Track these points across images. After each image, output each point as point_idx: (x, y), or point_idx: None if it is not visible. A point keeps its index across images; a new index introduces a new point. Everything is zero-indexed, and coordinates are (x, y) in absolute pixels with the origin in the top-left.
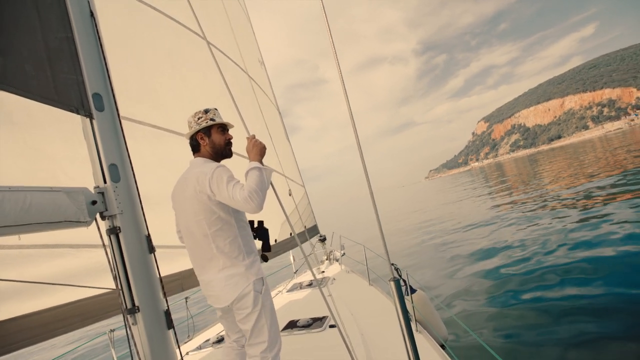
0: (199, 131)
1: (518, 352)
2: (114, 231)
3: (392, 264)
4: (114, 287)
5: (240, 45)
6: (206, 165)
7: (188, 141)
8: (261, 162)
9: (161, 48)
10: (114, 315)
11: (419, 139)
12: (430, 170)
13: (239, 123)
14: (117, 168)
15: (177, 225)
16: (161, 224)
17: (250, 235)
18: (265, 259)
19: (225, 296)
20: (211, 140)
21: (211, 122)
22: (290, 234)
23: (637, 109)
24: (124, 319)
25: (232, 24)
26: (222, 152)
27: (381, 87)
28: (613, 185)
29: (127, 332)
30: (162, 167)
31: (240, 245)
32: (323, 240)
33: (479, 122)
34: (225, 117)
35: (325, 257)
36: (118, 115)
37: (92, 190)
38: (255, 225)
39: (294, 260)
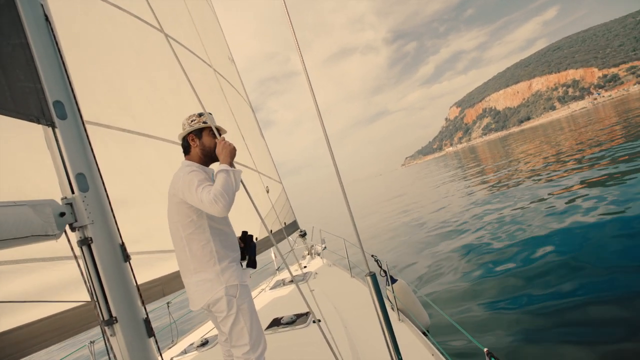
0: (190, 132)
1: (502, 336)
2: (85, 242)
3: (372, 255)
4: (90, 299)
5: (208, 43)
6: (183, 169)
7: (163, 143)
8: (231, 165)
9: (126, 48)
10: (94, 327)
11: (393, 127)
12: (407, 158)
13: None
14: (85, 177)
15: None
16: (139, 229)
17: (229, 240)
18: (252, 266)
19: (196, 300)
20: (201, 143)
21: (203, 125)
22: (271, 230)
23: (599, 88)
24: (102, 331)
25: (199, 21)
26: (212, 155)
27: (354, 77)
28: (581, 162)
29: (106, 344)
30: (136, 171)
31: (213, 251)
32: (303, 235)
33: (451, 107)
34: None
35: (307, 252)
36: (82, 122)
37: (60, 202)
38: (245, 236)
39: (275, 257)
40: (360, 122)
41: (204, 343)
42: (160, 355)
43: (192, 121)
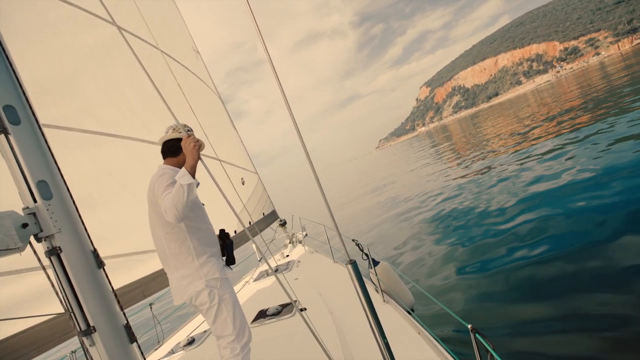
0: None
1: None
2: (53, 252)
3: (353, 240)
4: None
5: (168, 35)
6: (157, 172)
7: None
8: (193, 168)
9: (80, 46)
10: (74, 337)
11: (366, 110)
12: (380, 140)
13: (170, 118)
14: (47, 184)
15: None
16: (113, 232)
17: (207, 237)
18: (231, 262)
19: (178, 295)
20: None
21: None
22: (250, 222)
23: (562, 61)
24: (80, 342)
25: (157, 13)
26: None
27: (323, 62)
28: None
29: (85, 355)
30: (104, 173)
31: (190, 248)
32: (283, 224)
33: (421, 87)
34: (154, 112)
35: (288, 241)
36: (39, 126)
37: (21, 212)
38: (222, 234)
39: (256, 248)
40: (332, 107)
41: (191, 342)
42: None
43: (185, 128)
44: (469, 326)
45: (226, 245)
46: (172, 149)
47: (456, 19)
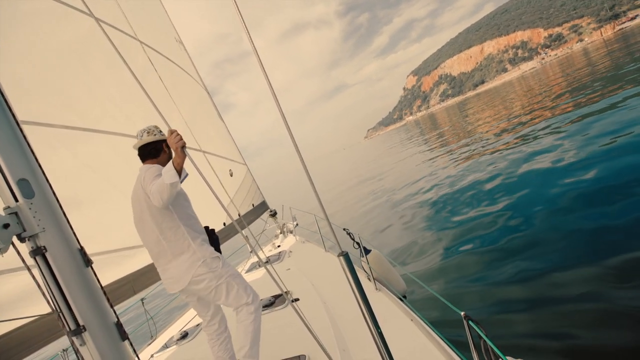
0: (164, 141)
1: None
2: (38, 252)
3: (344, 229)
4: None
5: (149, 25)
6: (144, 168)
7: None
8: (180, 165)
9: (58, 39)
10: (64, 335)
11: (353, 101)
12: (369, 130)
13: (154, 111)
14: (29, 182)
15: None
16: (100, 229)
17: (197, 225)
18: None
19: (182, 279)
20: (170, 153)
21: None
22: (239, 214)
23: (546, 48)
24: (70, 342)
25: (137, 3)
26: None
27: (310, 53)
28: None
29: (77, 354)
30: (89, 169)
31: (185, 233)
32: (274, 214)
33: (408, 76)
34: (138, 106)
35: (279, 231)
36: (17, 122)
37: (2, 212)
38: (207, 232)
39: (247, 240)
40: (319, 97)
41: (184, 336)
42: (137, 357)
43: (159, 131)
44: (462, 313)
45: (213, 240)
46: (152, 152)
47: (442, 7)
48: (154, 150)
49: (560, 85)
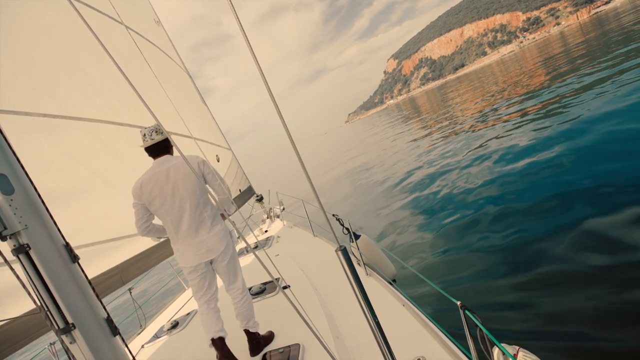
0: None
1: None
2: (21, 250)
3: (334, 215)
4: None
5: (127, 5)
6: (191, 156)
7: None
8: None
9: (29, 21)
10: (49, 332)
11: (334, 84)
12: (350, 114)
13: (137, 97)
14: (7, 178)
15: (145, 204)
16: (85, 221)
17: None
18: None
19: (218, 247)
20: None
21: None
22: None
23: (524, 31)
24: (60, 341)
25: None
26: None
27: (290, 36)
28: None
29: (67, 353)
30: (71, 159)
31: (216, 210)
32: (260, 199)
33: (388, 60)
34: (121, 92)
35: (266, 216)
36: None
37: None
38: None
39: (234, 226)
40: (300, 81)
41: (174, 325)
42: (130, 353)
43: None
44: (458, 303)
45: None
46: (164, 148)
47: None
48: (165, 148)
49: (537, 72)
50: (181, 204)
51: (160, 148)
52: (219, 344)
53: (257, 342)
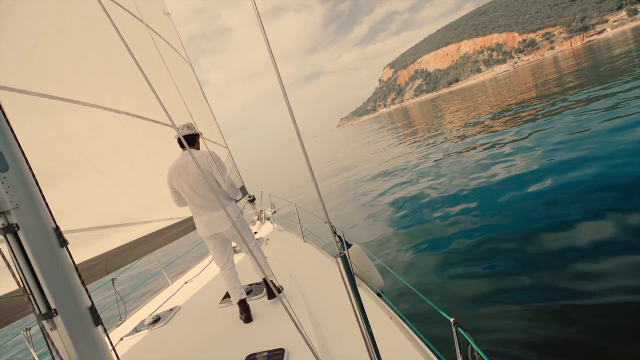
0: (198, 134)
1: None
2: (10, 229)
3: (326, 222)
4: (21, 291)
5: None
6: (202, 152)
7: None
8: None
9: (40, 9)
10: (29, 314)
11: (328, 88)
12: (341, 119)
13: (143, 86)
14: (2, 155)
15: (175, 188)
16: (72, 206)
17: None
18: None
19: (222, 225)
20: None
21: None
22: None
23: (519, 52)
24: (40, 326)
25: None
26: None
27: (288, 36)
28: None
29: (46, 340)
30: (64, 142)
31: (224, 195)
32: (252, 200)
33: (384, 68)
34: (122, 78)
35: (256, 217)
36: None
37: None
38: None
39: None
40: (295, 82)
41: (156, 320)
42: (112, 344)
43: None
44: (452, 320)
45: None
46: (191, 142)
47: (422, 2)
48: (192, 141)
49: (529, 91)
50: (195, 190)
51: (189, 139)
52: (242, 304)
53: (271, 289)
